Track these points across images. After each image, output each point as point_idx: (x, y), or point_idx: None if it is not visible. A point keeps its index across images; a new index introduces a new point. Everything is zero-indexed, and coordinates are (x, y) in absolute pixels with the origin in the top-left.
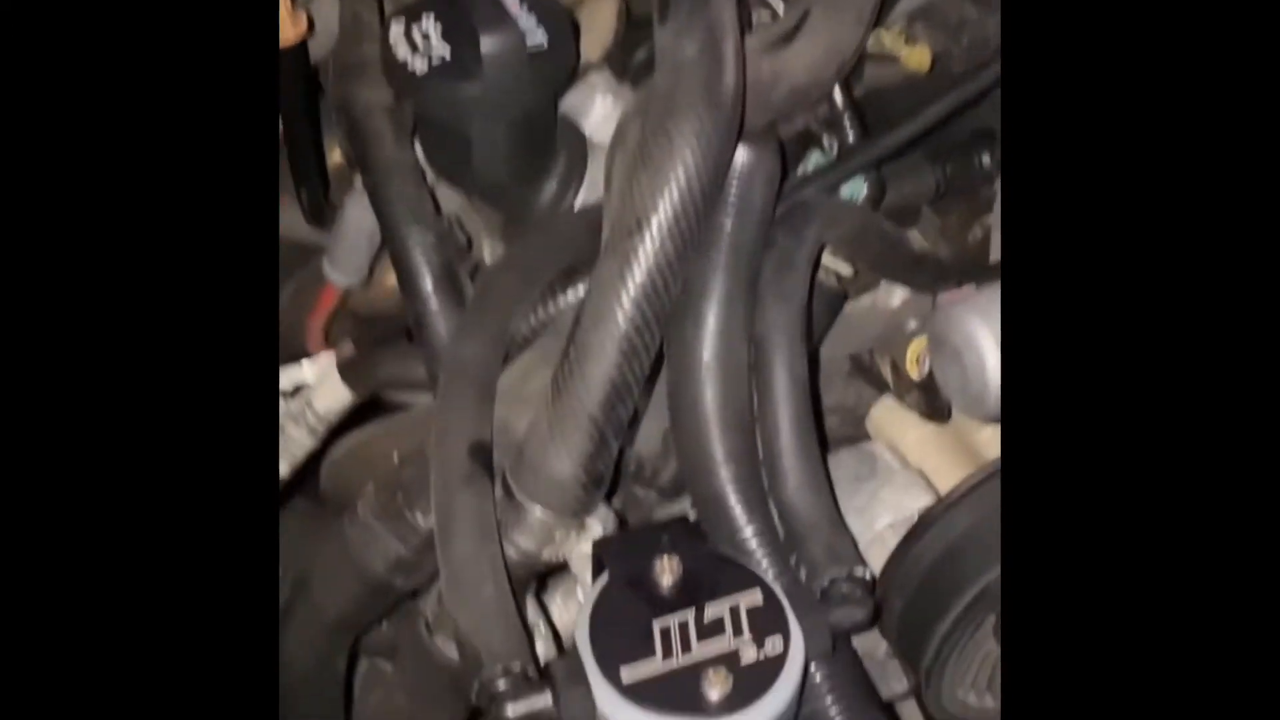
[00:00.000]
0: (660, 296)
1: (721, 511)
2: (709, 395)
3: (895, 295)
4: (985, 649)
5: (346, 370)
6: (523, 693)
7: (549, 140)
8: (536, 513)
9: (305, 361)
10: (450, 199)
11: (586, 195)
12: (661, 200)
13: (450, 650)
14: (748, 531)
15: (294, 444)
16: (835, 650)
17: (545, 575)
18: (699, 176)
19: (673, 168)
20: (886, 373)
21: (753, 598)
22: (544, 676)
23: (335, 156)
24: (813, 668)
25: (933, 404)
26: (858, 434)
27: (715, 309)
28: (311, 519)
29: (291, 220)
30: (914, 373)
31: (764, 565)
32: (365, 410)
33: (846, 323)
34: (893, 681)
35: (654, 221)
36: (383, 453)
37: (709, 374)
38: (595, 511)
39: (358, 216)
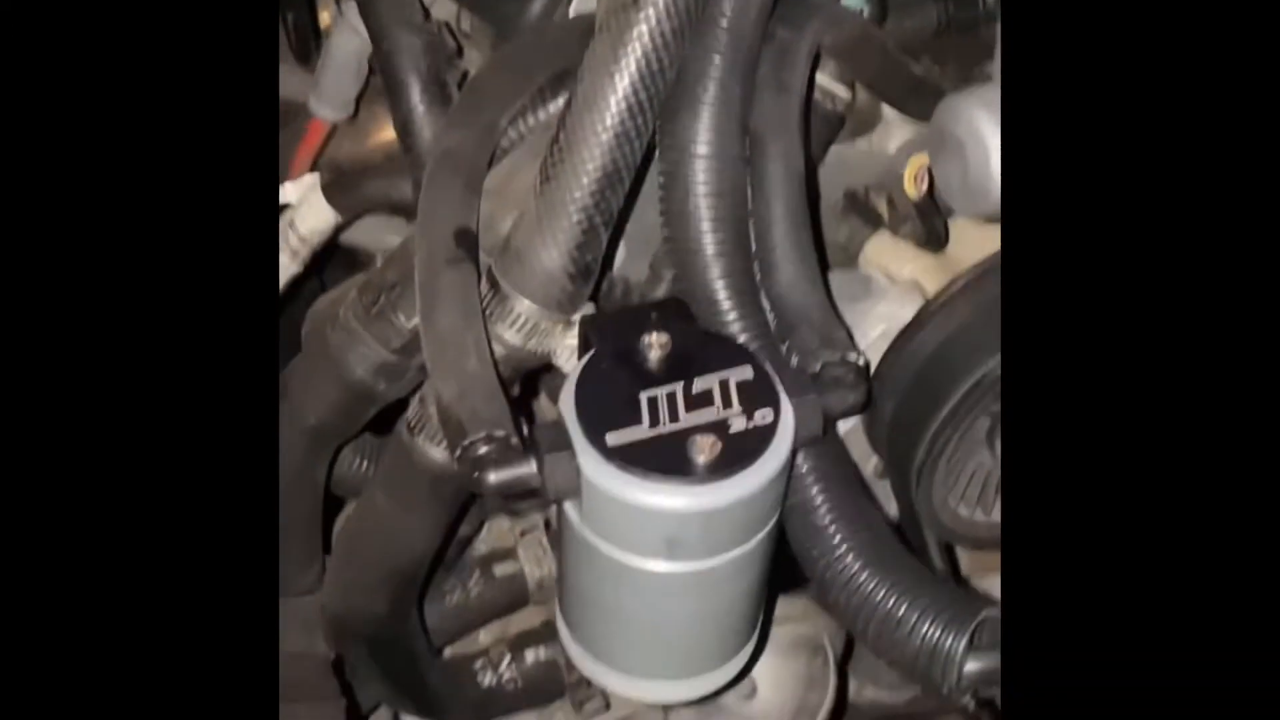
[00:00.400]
0: (655, 79)
1: (712, 303)
2: (701, 187)
3: (892, 138)
4: (977, 459)
5: (330, 189)
6: (506, 459)
7: None
8: (523, 305)
9: (288, 183)
10: (441, 7)
11: (579, 9)
12: None
13: (431, 452)
14: (738, 324)
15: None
16: (825, 438)
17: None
18: None
19: None
20: (882, 207)
21: (743, 372)
22: (527, 445)
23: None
24: (800, 458)
25: (930, 228)
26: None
27: (711, 97)
28: None
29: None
30: (912, 190)
31: (755, 350)
32: None
33: (842, 163)
34: (880, 503)
35: None
36: None
37: (703, 164)
38: (582, 307)
39: (344, 44)
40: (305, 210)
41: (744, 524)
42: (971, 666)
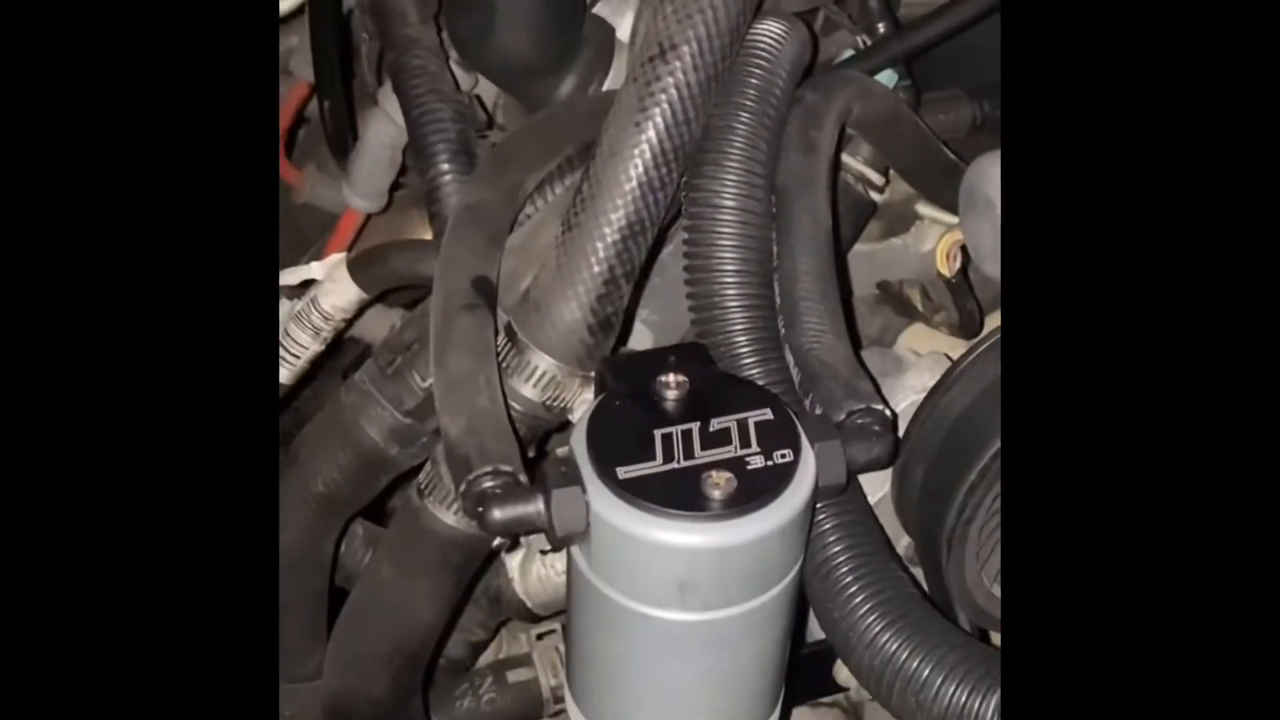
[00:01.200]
0: (681, 130)
1: (733, 354)
2: (726, 239)
3: (927, 238)
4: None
5: (356, 265)
6: (512, 496)
7: (575, 22)
8: (541, 359)
9: (314, 262)
10: (472, 83)
11: (612, 87)
12: (688, 26)
13: (442, 516)
14: (759, 373)
15: (296, 347)
16: (849, 497)
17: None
18: (727, 6)
19: None
20: (916, 299)
21: (762, 414)
22: (535, 483)
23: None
24: (822, 515)
25: (964, 312)
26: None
27: (737, 152)
28: None
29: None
30: (945, 268)
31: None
32: None
33: (875, 259)
34: None
35: (679, 47)
36: None
37: (728, 217)
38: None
39: (378, 133)
40: (330, 287)
41: (761, 570)
42: None
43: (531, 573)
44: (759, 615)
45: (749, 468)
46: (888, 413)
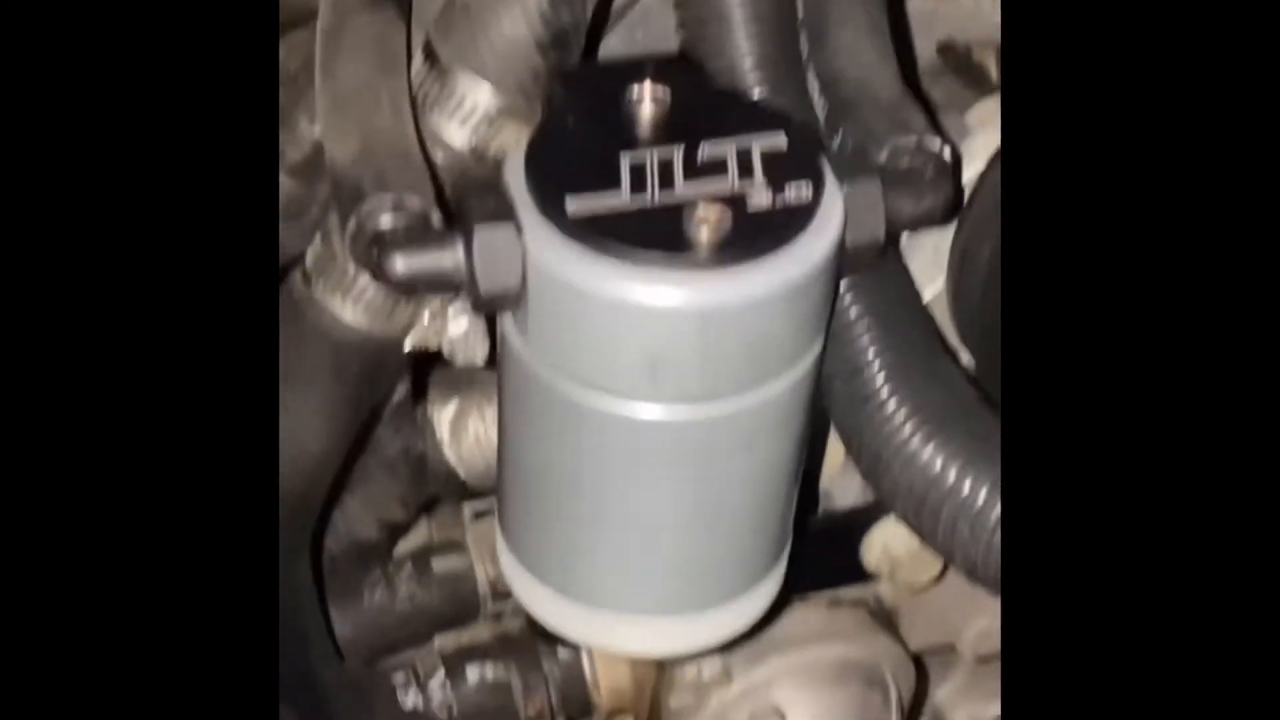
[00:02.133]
0: None
1: (736, 73)
2: None
3: None
4: None
5: None
6: (420, 238)
7: None
8: (472, 88)
9: None
10: None
11: None
12: None
13: (335, 308)
14: (770, 97)
15: None
16: (888, 266)
17: None
18: None
19: None
20: (990, 64)
21: (773, 140)
22: (453, 222)
23: None
24: (851, 292)
25: None
26: None
27: None
28: None
29: None
30: None
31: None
32: None
33: (934, 17)
34: None
35: None
36: None
37: None
38: None
39: None
40: None
41: (763, 349)
42: None
43: (467, 432)
44: (759, 416)
45: (751, 206)
46: (947, 152)
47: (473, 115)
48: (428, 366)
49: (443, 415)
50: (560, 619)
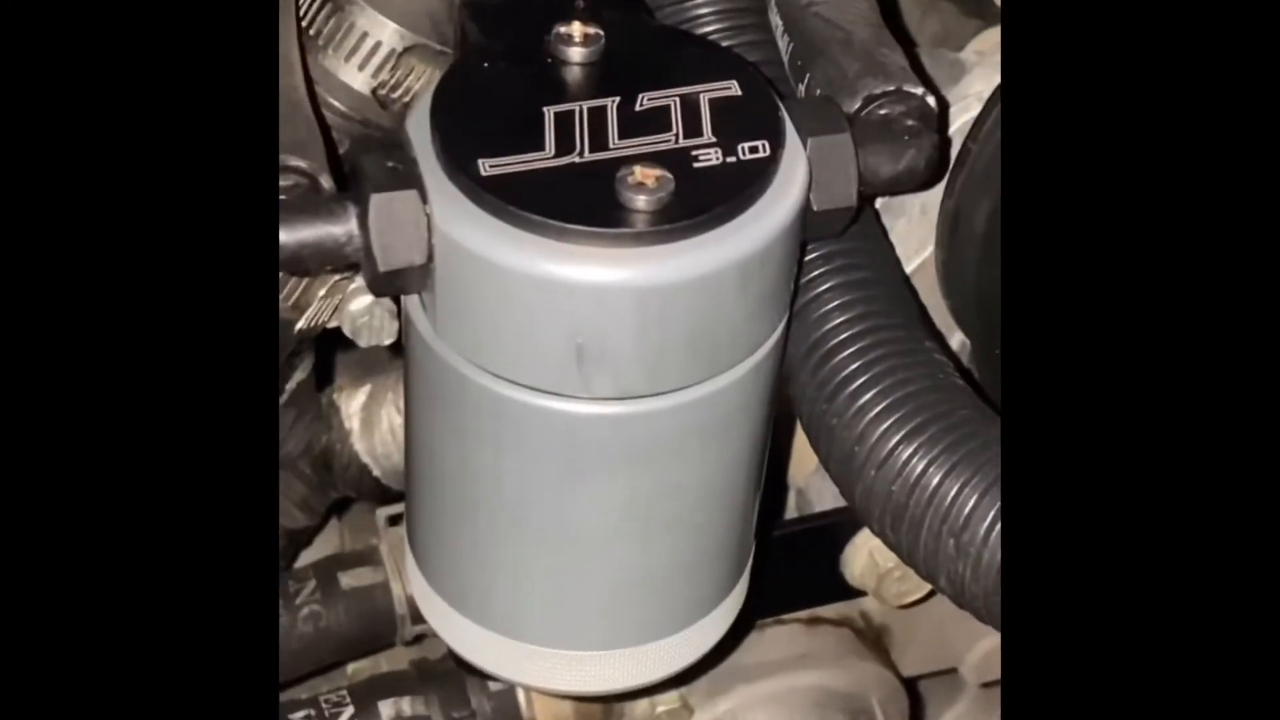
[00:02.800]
0: None
1: (685, 18)
2: None
3: None
4: None
5: None
6: (308, 207)
7: None
8: (373, 24)
9: None
10: None
11: None
12: None
13: None
14: (723, 36)
15: None
16: (863, 230)
17: None
18: None
19: None
20: None
21: (724, 87)
22: (346, 187)
23: None
24: (820, 264)
25: None
26: None
27: None
28: None
29: None
30: None
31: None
32: None
33: None
34: None
35: None
36: None
37: None
38: None
39: None
40: None
41: (711, 334)
42: None
43: (380, 422)
44: (709, 412)
45: (698, 165)
46: (931, 101)
47: (374, 55)
48: (335, 347)
49: (352, 403)
50: (482, 654)
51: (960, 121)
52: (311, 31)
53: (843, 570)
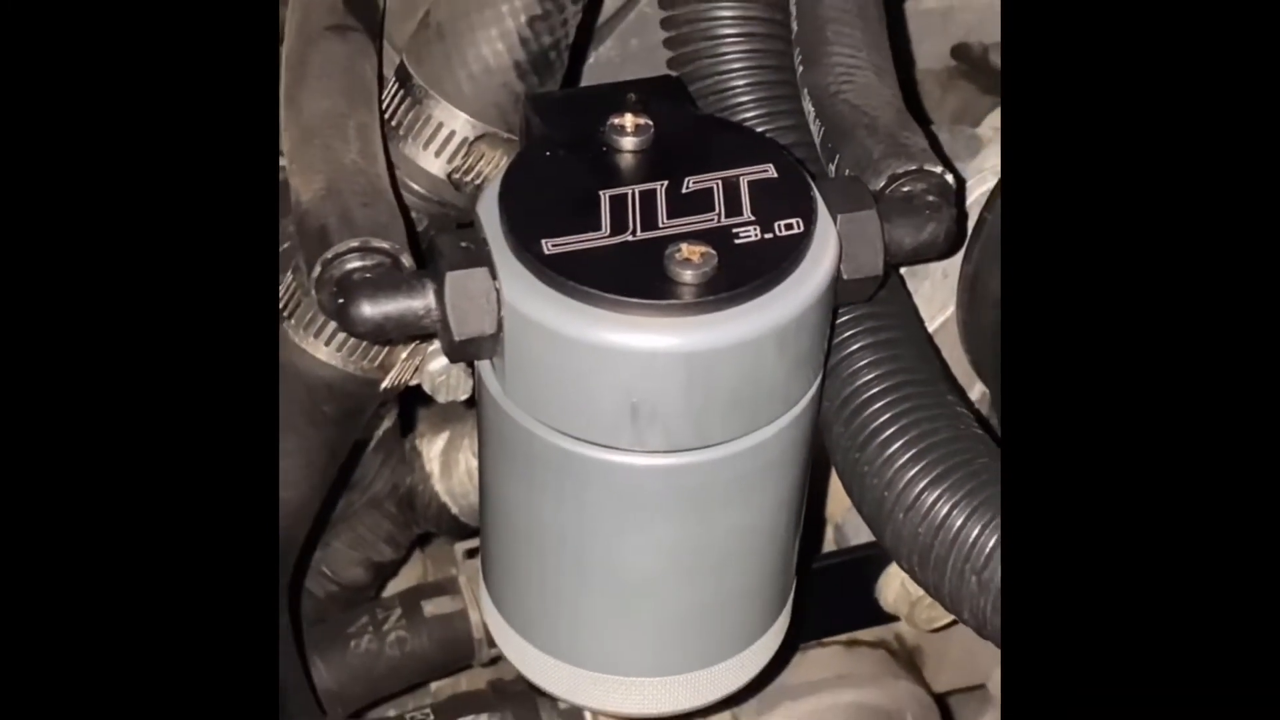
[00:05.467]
0: None
1: (724, 102)
2: None
3: None
4: None
5: None
6: (389, 283)
7: None
8: (448, 115)
9: None
10: None
11: None
12: None
13: (308, 347)
14: (761, 125)
15: None
16: (890, 295)
17: None
18: None
19: None
20: None
21: (762, 171)
22: (423, 267)
23: None
24: (850, 327)
25: None
26: None
27: None
28: None
29: None
30: None
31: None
32: None
33: (954, 21)
34: None
35: None
36: None
37: None
38: None
39: None
40: None
41: (753, 393)
42: None
43: (458, 465)
44: (752, 463)
45: (738, 241)
46: (949, 178)
47: (449, 143)
48: (417, 398)
49: (432, 448)
50: (548, 679)
51: (978, 193)
52: (393, 123)
53: (877, 598)
